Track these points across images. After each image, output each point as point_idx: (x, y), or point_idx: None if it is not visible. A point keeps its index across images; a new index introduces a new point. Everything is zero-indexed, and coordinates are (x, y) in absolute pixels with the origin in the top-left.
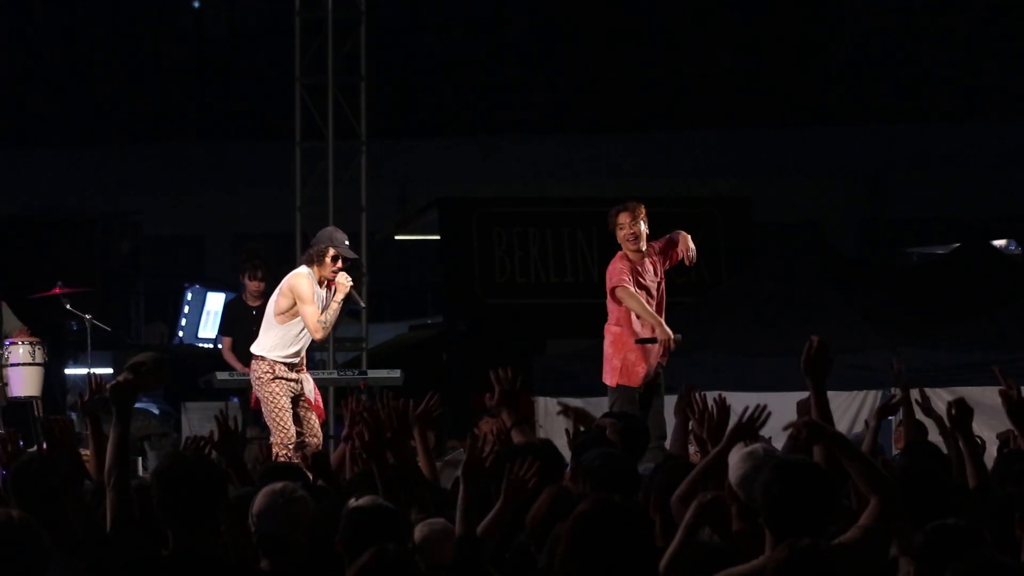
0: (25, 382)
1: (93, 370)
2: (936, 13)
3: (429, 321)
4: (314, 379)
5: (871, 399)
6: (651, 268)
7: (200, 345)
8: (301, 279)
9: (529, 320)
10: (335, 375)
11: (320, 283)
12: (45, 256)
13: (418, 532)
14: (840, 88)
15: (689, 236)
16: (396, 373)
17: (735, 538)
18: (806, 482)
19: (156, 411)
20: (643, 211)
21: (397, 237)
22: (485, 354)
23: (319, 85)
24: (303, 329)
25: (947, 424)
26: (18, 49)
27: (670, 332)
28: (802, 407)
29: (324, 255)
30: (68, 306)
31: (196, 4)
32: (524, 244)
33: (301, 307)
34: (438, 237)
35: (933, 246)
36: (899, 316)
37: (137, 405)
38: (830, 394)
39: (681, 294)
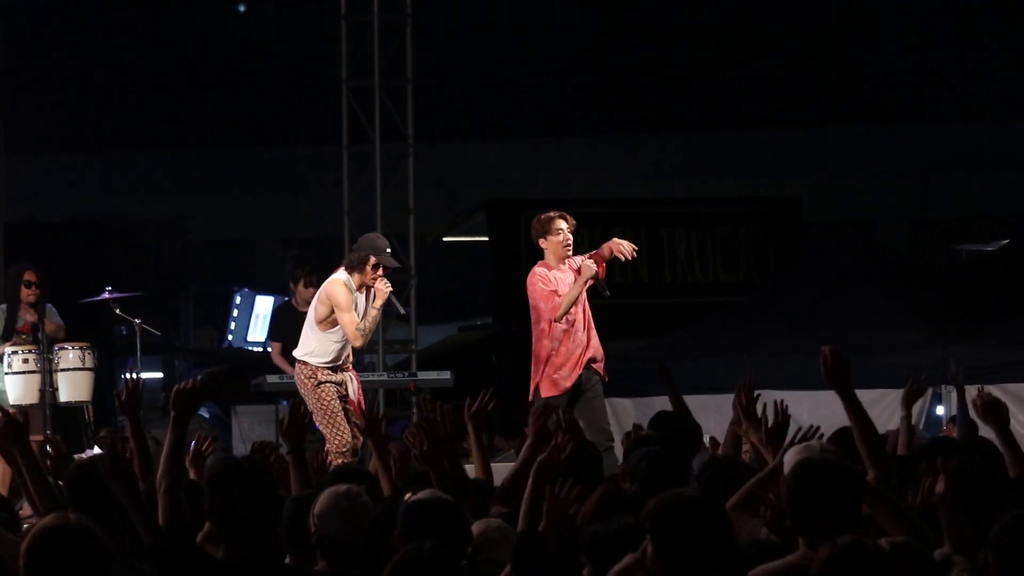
0: (75, 387)
1: (134, 372)
2: (984, 12)
3: (478, 323)
4: (363, 381)
5: (921, 397)
6: (572, 275)
7: (250, 349)
8: (338, 286)
9: None
10: (384, 377)
11: (359, 288)
12: (95, 261)
13: (475, 529)
14: (889, 87)
15: (615, 239)
16: (446, 375)
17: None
18: (829, 482)
19: (206, 415)
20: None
21: (445, 239)
22: None
23: (366, 88)
24: (344, 335)
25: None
26: (65, 56)
27: (591, 265)
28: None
29: (365, 263)
30: (117, 311)
31: (242, 8)
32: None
33: (339, 315)
34: (487, 239)
35: (982, 243)
36: (949, 314)
37: None
38: (880, 392)
39: (730, 294)
